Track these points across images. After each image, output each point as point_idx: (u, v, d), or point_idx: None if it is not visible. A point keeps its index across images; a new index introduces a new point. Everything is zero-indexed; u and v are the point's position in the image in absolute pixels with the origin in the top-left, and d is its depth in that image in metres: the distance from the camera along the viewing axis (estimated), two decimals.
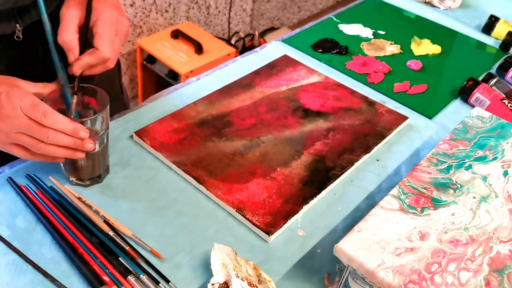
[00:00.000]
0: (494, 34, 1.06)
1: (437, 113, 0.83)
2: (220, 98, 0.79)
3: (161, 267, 0.55)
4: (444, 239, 0.51)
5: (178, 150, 0.69)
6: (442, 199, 0.56)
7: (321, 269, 0.57)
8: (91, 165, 0.61)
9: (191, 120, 0.74)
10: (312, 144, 0.72)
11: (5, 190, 0.61)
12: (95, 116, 0.59)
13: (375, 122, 0.78)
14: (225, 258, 0.53)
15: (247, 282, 0.50)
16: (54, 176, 0.63)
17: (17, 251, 0.54)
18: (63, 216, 0.58)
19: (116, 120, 0.74)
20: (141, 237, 0.58)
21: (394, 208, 0.54)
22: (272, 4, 2.43)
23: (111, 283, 0.52)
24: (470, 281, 0.47)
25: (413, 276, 0.47)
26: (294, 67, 0.89)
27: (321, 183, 0.66)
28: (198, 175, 0.65)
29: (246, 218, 0.60)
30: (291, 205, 0.62)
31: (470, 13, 1.16)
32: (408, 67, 0.94)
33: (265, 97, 0.81)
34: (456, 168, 0.61)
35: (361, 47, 0.99)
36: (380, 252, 0.49)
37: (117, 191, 0.63)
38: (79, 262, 0.53)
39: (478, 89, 0.84)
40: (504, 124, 0.69)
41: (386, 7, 1.15)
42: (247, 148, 0.70)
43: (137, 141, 0.71)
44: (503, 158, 0.63)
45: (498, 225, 0.53)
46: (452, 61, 0.97)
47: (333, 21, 1.07)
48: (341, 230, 0.62)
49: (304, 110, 0.79)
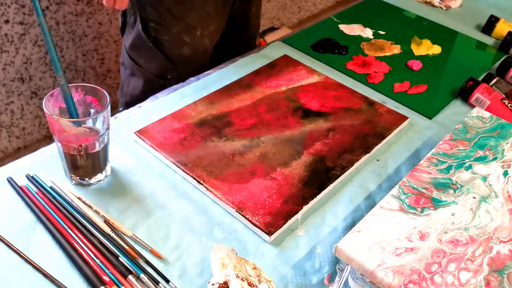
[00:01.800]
0: (494, 34, 1.06)
1: (437, 113, 0.83)
2: (220, 98, 0.79)
3: (161, 267, 0.55)
4: (444, 239, 0.51)
5: (178, 150, 0.69)
6: (442, 199, 0.56)
7: (321, 269, 0.57)
8: (91, 165, 0.62)
9: (191, 120, 0.74)
10: (312, 144, 0.72)
11: (5, 190, 0.61)
12: (96, 115, 0.59)
13: (375, 122, 0.78)
14: (225, 258, 0.53)
15: (247, 282, 0.50)
16: (54, 176, 0.63)
17: (17, 251, 0.54)
18: (63, 216, 0.58)
19: (117, 120, 0.75)
20: (141, 237, 0.58)
21: (394, 208, 0.54)
22: (272, 4, 2.43)
23: (111, 283, 0.52)
24: (470, 281, 0.47)
25: (413, 276, 0.47)
26: (294, 67, 0.89)
27: (321, 183, 0.66)
28: (198, 175, 0.65)
29: (246, 218, 0.60)
30: (291, 205, 0.62)
31: (470, 13, 1.16)
32: (408, 67, 0.94)
33: (265, 97, 0.81)
34: (456, 168, 0.61)
35: (361, 47, 0.99)
36: (380, 252, 0.49)
37: (117, 191, 0.63)
38: (79, 262, 0.53)
39: (478, 89, 0.84)
40: (504, 124, 0.69)
41: (386, 7, 1.15)
42: (247, 148, 0.70)
43: (137, 141, 0.71)
44: (503, 158, 0.63)
45: (498, 225, 0.53)
46: (452, 61, 0.97)
47: (333, 21, 1.07)
48: (341, 230, 0.62)
49: (304, 110, 0.79)
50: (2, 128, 1.55)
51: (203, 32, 0.97)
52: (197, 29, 0.95)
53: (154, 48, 0.95)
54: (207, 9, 0.95)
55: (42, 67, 1.52)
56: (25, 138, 1.63)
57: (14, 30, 1.40)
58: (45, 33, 0.57)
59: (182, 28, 0.94)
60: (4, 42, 1.40)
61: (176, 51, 0.96)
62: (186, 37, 0.95)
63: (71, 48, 1.55)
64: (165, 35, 0.94)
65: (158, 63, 0.97)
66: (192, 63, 0.99)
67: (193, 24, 0.95)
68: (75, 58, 1.58)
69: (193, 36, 0.96)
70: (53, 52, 0.57)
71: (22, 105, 1.55)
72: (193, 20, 0.94)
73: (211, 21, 0.97)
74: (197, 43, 0.97)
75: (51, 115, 0.56)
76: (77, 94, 0.61)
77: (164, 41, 0.95)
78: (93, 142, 0.60)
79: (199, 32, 0.96)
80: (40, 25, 0.57)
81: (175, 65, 0.97)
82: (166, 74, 0.98)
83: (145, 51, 0.96)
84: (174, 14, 0.92)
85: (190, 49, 0.97)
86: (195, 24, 0.95)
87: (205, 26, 0.96)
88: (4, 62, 1.42)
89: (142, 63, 0.98)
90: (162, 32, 0.94)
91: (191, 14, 0.93)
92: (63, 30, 1.49)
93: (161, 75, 0.98)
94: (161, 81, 0.97)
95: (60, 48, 1.52)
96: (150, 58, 0.97)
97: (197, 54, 0.99)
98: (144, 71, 0.98)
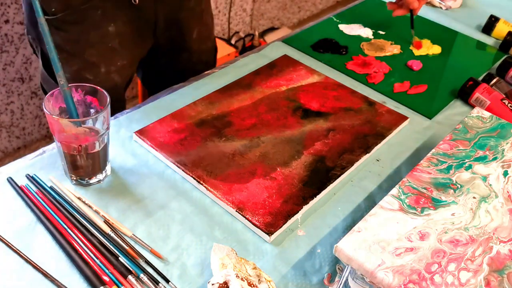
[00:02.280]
0: (494, 34, 1.06)
1: (437, 113, 0.83)
2: (220, 98, 0.79)
3: (161, 267, 0.55)
4: (444, 239, 0.51)
5: (178, 150, 0.69)
6: (442, 199, 0.56)
7: (321, 269, 0.57)
8: (91, 165, 0.62)
9: (191, 120, 0.74)
10: (312, 144, 0.72)
11: (5, 190, 0.61)
12: (96, 115, 0.59)
13: (375, 122, 0.78)
14: (225, 258, 0.53)
15: (247, 282, 0.50)
16: (54, 176, 0.63)
17: (17, 251, 0.54)
18: (63, 216, 0.58)
19: (117, 120, 0.75)
20: (141, 237, 0.58)
21: (394, 208, 0.54)
22: (272, 4, 2.43)
23: (111, 283, 0.52)
24: (470, 281, 0.47)
25: (413, 276, 0.47)
26: (294, 67, 0.89)
27: (321, 183, 0.66)
28: (198, 175, 0.65)
29: (246, 218, 0.60)
30: (291, 205, 0.62)
31: (470, 13, 1.16)
32: (408, 67, 0.94)
33: (265, 97, 0.81)
34: (456, 168, 0.61)
35: (361, 47, 0.99)
36: (380, 252, 0.49)
37: (117, 191, 0.63)
38: (79, 262, 0.53)
39: (478, 89, 0.84)
40: (504, 124, 0.69)
41: (386, 7, 1.15)
42: (247, 148, 0.70)
43: (137, 141, 0.71)
44: (503, 158, 0.63)
45: (498, 225, 0.53)
46: (452, 61, 0.97)
47: (333, 21, 1.07)
48: (341, 230, 0.62)
49: (304, 110, 0.79)
50: (2, 128, 1.55)
51: (108, 68, 0.88)
52: (100, 66, 0.87)
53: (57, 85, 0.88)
54: (110, 44, 0.86)
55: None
56: (25, 138, 1.63)
57: (14, 30, 1.40)
58: (45, 33, 0.57)
59: (81, 65, 0.86)
60: (4, 42, 1.40)
61: None
62: (89, 74, 0.87)
63: None
64: (66, 72, 0.81)
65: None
66: None
67: (94, 61, 0.86)
68: None
69: (96, 73, 0.87)
70: (53, 52, 0.57)
71: (22, 105, 1.55)
72: (93, 57, 0.85)
73: (117, 57, 0.88)
74: (103, 80, 0.88)
75: (51, 115, 0.56)
76: (77, 94, 0.61)
77: (67, 78, 0.88)
78: (93, 142, 0.60)
79: (103, 69, 0.87)
80: (40, 25, 0.57)
81: None
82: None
83: (52, 85, 0.88)
84: (69, 51, 0.84)
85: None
86: (96, 61, 0.86)
87: (110, 62, 0.88)
88: (4, 62, 1.42)
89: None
90: (63, 69, 0.88)
91: (90, 50, 0.85)
92: None
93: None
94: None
95: None
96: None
97: (106, 91, 0.89)
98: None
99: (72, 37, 0.83)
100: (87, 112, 0.62)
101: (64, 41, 0.83)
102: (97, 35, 0.84)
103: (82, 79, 0.86)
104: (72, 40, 0.84)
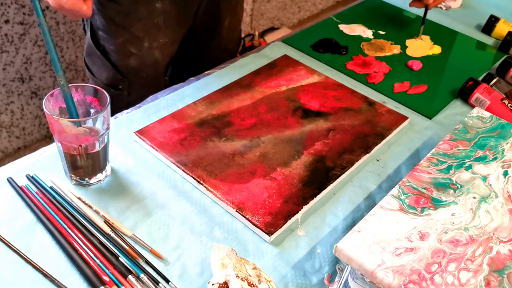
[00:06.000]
0: (494, 34, 1.06)
1: (437, 113, 0.83)
2: (220, 98, 0.79)
3: (161, 267, 0.55)
4: (444, 239, 0.51)
5: (178, 150, 0.69)
6: (442, 199, 0.56)
7: (321, 269, 0.57)
8: (91, 165, 0.62)
9: (191, 120, 0.74)
10: (312, 144, 0.72)
11: (5, 190, 0.61)
12: (96, 115, 0.59)
13: (375, 122, 0.78)
14: (225, 258, 0.53)
15: (247, 282, 0.50)
16: (54, 176, 0.63)
17: (17, 251, 0.54)
18: (63, 216, 0.58)
19: (117, 120, 0.75)
20: (141, 237, 0.58)
21: (394, 208, 0.54)
22: (272, 4, 2.43)
23: (111, 283, 0.52)
24: (470, 281, 0.47)
25: (413, 276, 0.47)
26: (294, 67, 0.89)
27: (321, 183, 0.66)
28: (198, 175, 0.65)
29: (246, 218, 0.60)
30: (291, 205, 0.62)
31: (470, 13, 1.16)
32: (408, 67, 0.94)
33: (265, 97, 0.81)
34: (456, 168, 0.61)
35: (361, 47, 0.99)
36: (380, 252, 0.49)
37: (117, 191, 0.63)
38: (79, 262, 0.53)
39: (478, 89, 0.84)
40: (504, 124, 0.69)
41: (386, 7, 1.15)
42: (247, 148, 0.70)
43: (137, 141, 0.71)
44: (503, 158, 0.63)
45: (498, 225, 0.53)
46: (452, 61, 0.97)
47: (333, 21, 1.07)
48: (341, 230, 0.62)
49: (304, 110, 0.79)
50: (2, 128, 1.55)
51: (151, 44, 0.94)
52: (144, 41, 0.93)
53: (103, 58, 0.93)
54: (155, 20, 0.91)
55: (42, 67, 1.52)
56: (25, 138, 1.63)
57: (14, 30, 1.40)
58: (45, 33, 0.57)
59: (127, 38, 0.91)
60: (4, 42, 1.40)
61: (123, 61, 0.94)
62: (132, 48, 0.92)
63: (71, 48, 1.55)
64: (111, 44, 0.91)
65: (107, 73, 0.95)
66: (143, 75, 0.97)
67: (139, 35, 0.92)
68: (75, 58, 1.58)
69: (139, 47, 0.93)
70: (53, 52, 0.57)
71: (22, 105, 1.55)
72: (139, 31, 0.91)
73: (160, 33, 0.94)
74: (145, 55, 0.94)
75: (51, 115, 0.56)
76: (77, 94, 0.61)
77: (111, 51, 0.92)
78: (93, 142, 0.60)
79: (146, 44, 0.93)
80: (40, 25, 0.57)
81: (124, 76, 0.95)
82: (116, 84, 0.96)
83: (96, 59, 0.95)
84: (118, 23, 0.90)
85: (138, 60, 0.94)
86: (141, 35, 0.92)
87: (154, 38, 0.93)
88: (4, 62, 1.42)
89: (94, 70, 0.97)
90: (109, 42, 0.91)
91: (137, 24, 0.90)
92: (63, 30, 1.50)
93: (111, 84, 0.96)
94: (112, 91, 0.96)
95: (60, 48, 1.52)
96: (100, 66, 0.95)
97: (147, 66, 0.96)
98: (96, 79, 0.97)
99: (124, 9, 0.88)
100: (87, 112, 0.62)
101: (115, 12, 0.88)
102: (146, 10, 0.89)
103: (126, 52, 0.92)
104: (123, 12, 0.88)
